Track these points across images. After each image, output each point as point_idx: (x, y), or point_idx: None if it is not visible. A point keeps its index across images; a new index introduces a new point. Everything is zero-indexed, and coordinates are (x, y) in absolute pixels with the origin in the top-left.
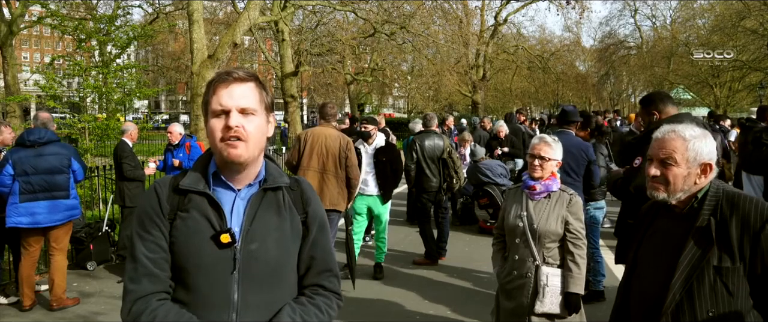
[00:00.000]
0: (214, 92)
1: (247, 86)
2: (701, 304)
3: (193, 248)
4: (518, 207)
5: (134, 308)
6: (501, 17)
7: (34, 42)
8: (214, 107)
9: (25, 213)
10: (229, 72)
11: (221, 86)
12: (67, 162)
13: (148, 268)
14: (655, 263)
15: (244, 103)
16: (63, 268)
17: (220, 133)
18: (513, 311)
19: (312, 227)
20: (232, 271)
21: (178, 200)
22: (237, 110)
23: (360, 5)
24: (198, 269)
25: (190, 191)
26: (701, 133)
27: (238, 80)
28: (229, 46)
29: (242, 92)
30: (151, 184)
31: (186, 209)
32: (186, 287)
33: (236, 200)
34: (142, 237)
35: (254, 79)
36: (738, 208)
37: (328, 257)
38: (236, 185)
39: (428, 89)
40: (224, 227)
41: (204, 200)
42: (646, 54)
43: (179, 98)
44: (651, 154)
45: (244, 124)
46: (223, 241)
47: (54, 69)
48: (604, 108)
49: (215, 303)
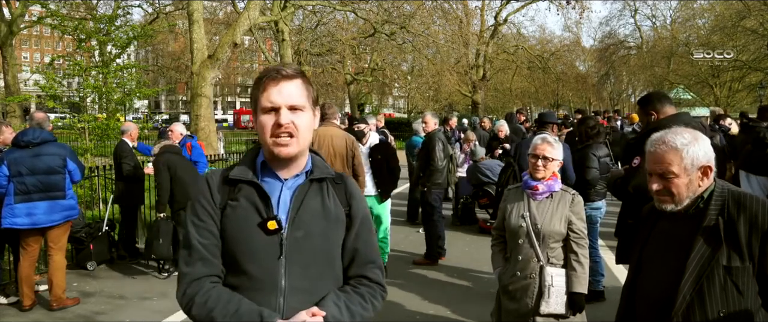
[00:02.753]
0: (264, 89)
1: (295, 83)
2: (712, 304)
3: (242, 235)
4: (520, 207)
5: (189, 290)
6: (501, 17)
7: (34, 42)
8: (264, 104)
9: (21, 214)
10: (278, 69)
11: (271, 84)
12: (62, 162)
13: (201, 253)
14: (661, 265)
15: (293, 100)
16: (62, 268)
17: (270, 130)
18: (517, 312)
19: (355, 220)
20: (278, 256)
21: (229, 189)
22: (286, 107)
23: (360, 5)
24: (247, 254)
25: (240, 180)
26: (692, 138)
27: (287, 77)
28: (229, 46)
29: (291, 89)
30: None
31: (236, 198)
32: (236, 271)
33: (283, 189)
34: (195, 224)
35: (301, 75)
36: (745, 208)
37: (372, 249)
38: (283, 175)
39: (428, 89)
40: (271, 215)
41: (252, 189)
42: (646, 54)
43: (179, 98)
44: (649, 170)
45: (294, 120)
46: (270, 228)
47: (54, 69)
48: (604, 108)
49: (264, 287)
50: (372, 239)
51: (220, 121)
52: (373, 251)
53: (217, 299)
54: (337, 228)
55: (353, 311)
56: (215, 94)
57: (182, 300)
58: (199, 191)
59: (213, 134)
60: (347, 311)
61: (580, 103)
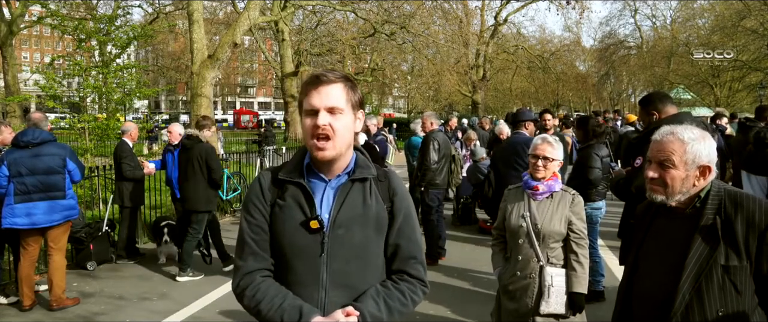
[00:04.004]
0: (306, 94)
1: (336, 87)
2: (710, 303)
3: (288, 232)
4: (520, 207)
5: (241, 282)
6: (501, 17)
7: (34, 42)
8: (306, 107)
9: (21, 214)
10: (319, 75)
11: (312, 88)
12: (61, 162)
13: (252, 248)
14: (658, 264)
15: (332, 103)
16: (62, 268)
17: (310, 132)
18: (517, 312)
19: (397, 216)
20: (320, 254)
21: (277, 189)
22: (325, 110)
23: (360, 5)
24: (292, 251)
25: (288, 181)
26: (700, 136)
27: (327, 82)
28: (229, 46)
29: (330, 92)
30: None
31: (283, 197)
32: (284, 266)
33: (327, 189)
34: (248, 221)
35: (343, 80)
36: (742, 207)
37: (413, 245)
38: (327, 175)
39: (428, 89)
40: (313, 214)
41: (298, 189)
42: (646, 54)
43: (179, 98)
44: (650, 157)
45: (332, 123)
46: (312, 226)
47: (54, 69)
48: (604, 108)
49: (307, 282)
50: (414, 236)
51: (220, 121)
52: (415, 247)
53: (265, 293)
54: (377, 226)
55: (392, 307)
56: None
57: (236, 291)
58: (253, 190)
59: (213, 134)
60: (386, 307)
61: (580, 103)
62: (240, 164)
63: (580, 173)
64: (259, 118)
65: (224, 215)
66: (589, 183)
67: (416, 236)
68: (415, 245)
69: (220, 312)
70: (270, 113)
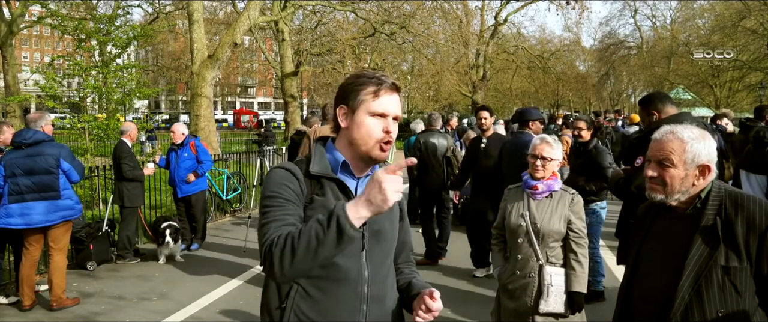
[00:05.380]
0: (378, 96)
1: (397, 96)
2: (710, 304)
3: None
4: (520, 207)
5: (269, 239)
6: (501, 17)
7: (34, 42)
8: (376, 109)
9: (15, 214)
10: (389, 80)
11: (386, 92)
12: (55, 163)
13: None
14: (659, 265)
15: (398, 111)
16: (62, 268)
17: (378, 135)
18: (516, 311)
19: (403, 213)
20: (362, 249)
21: (312, 183)
22: (393, 117)
23: (360, 5)
24: None
25: (323, 176)
26: (700, 135)
27: (395, 89)
28: (229, 46)
29: (397, 101)
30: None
31: (322, 193)
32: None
33: (358, 187)
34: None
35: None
36: (743, 208)
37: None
38: (358, 173)
39: (428, 89)
40: None
41: (335, 185)
42: (646, 54)
43: (179, 98)
44: (649, 156)
45: (394, 131)
46: None
47: (54, 69)
48: (604, 108)
49: (350, 278)
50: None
51: (220, 121)
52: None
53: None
54: (397, 218)
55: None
56: (215, 94)
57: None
58: (284, 177)
59: (213, 134)
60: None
61: (580, 103)
62: (240, 164)
63: (592, 173)
64: (259, 118)
65: (224, 215)
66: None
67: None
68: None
69: (220, 312)
70: (270, 113)
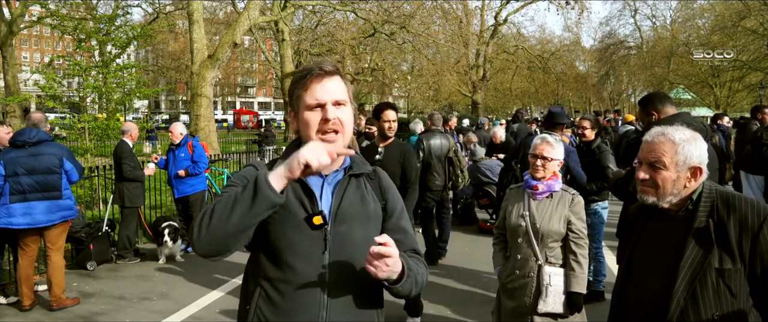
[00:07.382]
0: (307, 87)
1: (337, 79)
2: (706, 307)
3: (287, 229)
4: (520, 207)
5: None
6: (501, 17)
7: (34, 42)
8: (309, 101)
9: (17, 213)
10: (320, 66)
11: (315, 81)
12: (58, 162)
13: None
14: (652, 268)
15: (337, 96)
16: (60, 267)
17: (316, 126)
18: (515, 311)
19: (393, 213)
20: (323, 251)
21: None
22: (331, 103)
23: (360, 5)
24: (291, 248)
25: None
26: (691, 137)
27: (329, 74)
28: (229, 46)
29: (334, 85)
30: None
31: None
32: (280, 265)
33: (324, 185)
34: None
35: (339, 72)
36: (735, 209)
37: (412, 240)
38: (324, 171)
39: (428, 89)
40: (316, 210)
41: (297, 184)
42: (646, 54)
43: (179, 98)
44: (641, 158)
45: (339, 116)
46: (316, 222)
47: (54, 69)
48: (604, 108)
49: (309, 280)
50: (411, 230)
51: (220, 121)
52: (414, 241)
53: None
54: (375, 222)
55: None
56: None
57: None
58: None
59: (213, 134)
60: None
61: (580, 103)
62: (240, 164)
63: (595, 173)
64: (259, 118)
65: None
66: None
67: (412, 232)
68: (413, 240)
69: (220, 312)
70: (270, 113)
